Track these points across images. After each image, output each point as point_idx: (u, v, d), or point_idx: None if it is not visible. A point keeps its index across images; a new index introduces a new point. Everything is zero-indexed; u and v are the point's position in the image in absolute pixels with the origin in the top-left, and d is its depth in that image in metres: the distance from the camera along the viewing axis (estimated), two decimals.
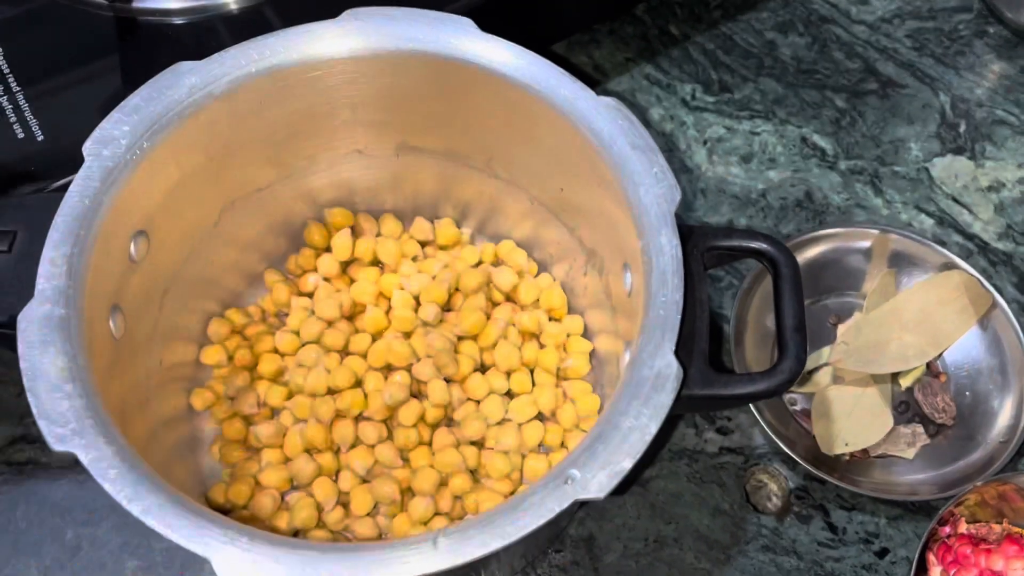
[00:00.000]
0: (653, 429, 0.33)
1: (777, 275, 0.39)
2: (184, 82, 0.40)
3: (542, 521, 0.31)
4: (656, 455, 0.50)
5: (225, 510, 0.44)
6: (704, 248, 0.40)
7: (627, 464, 0.32)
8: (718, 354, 0.53)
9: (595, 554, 0.48)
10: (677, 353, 0.35)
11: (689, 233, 0.39)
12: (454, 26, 0.42)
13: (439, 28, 0.41)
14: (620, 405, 0.34)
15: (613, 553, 0.48)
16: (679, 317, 0.35)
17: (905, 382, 0.52)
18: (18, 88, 0.47)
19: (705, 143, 0.61)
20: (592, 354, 0.49)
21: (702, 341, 0.37)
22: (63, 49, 0.49)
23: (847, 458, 0.50)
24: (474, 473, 0.46)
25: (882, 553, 0.48)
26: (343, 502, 0.45)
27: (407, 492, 0.45)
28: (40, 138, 0.46)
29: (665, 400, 0.34)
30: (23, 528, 0.48)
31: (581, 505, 0.32)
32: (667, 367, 0.34)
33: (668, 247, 0.37)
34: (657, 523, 0.49)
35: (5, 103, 0.47)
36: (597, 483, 0.32)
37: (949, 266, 0.53)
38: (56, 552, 0.47)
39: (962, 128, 0.62)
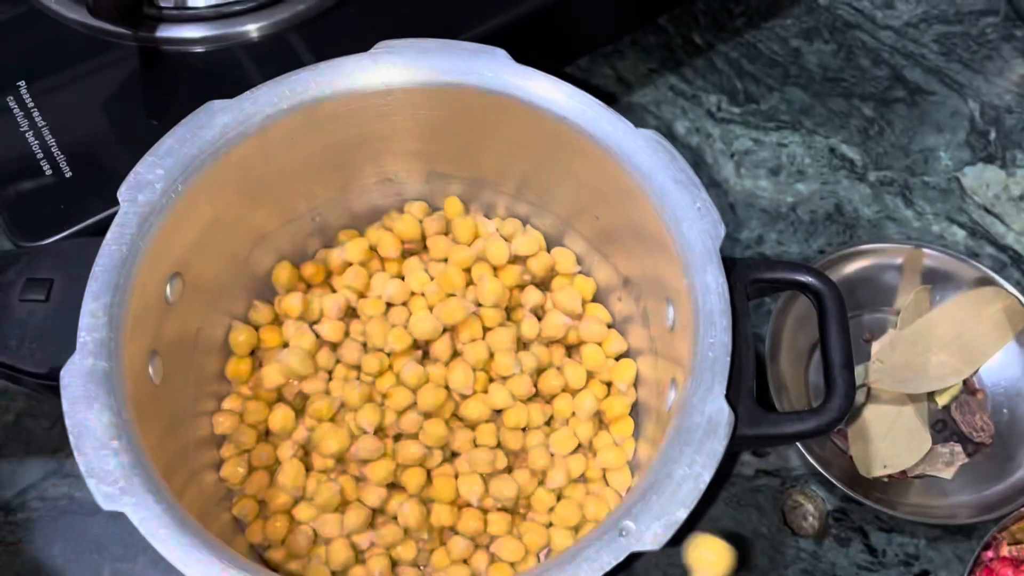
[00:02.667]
0: (707, 477, 0.33)
1: (822, 309, 0.38)
2: (217, 121, 0.40)
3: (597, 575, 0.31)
4: None
5: (262, 548, 0.44)
6: (747, 281, 0.39)
7: (682, 514, 0.32)
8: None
9: None
10: (728, 396, 0.34)
11: (732, 266, 0.39)
12: (489, 58, 0.41)
13: (474, 60, 0.41)
14: (672, 452, 0.33)
15: None
16: (728, 359, 0.35)
17: (942, 400, 0.52)
18: (44, 124, 0.46)
19: (732, 156, 0.60)
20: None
21: (749, 379, 0.37)
22: (88, 81, 0.48)
23: (885, 479, 0.49)
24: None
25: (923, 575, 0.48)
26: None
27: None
28: (68, 175, 0.45)
29: (718, 448, 0.33)
30: (60, 565, 0.47)
31: (636, 557, 0.32)
32: (718, 412, 0.34)
33: (714, 285, 0.36)
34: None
35: (31, 139, 0.46)
36: (652, 534, 0.32)
37: (984, 281, 0.52)
38: None
39: (992, 136, 0.61)
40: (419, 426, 0.44)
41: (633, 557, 0.32)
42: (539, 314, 0.48)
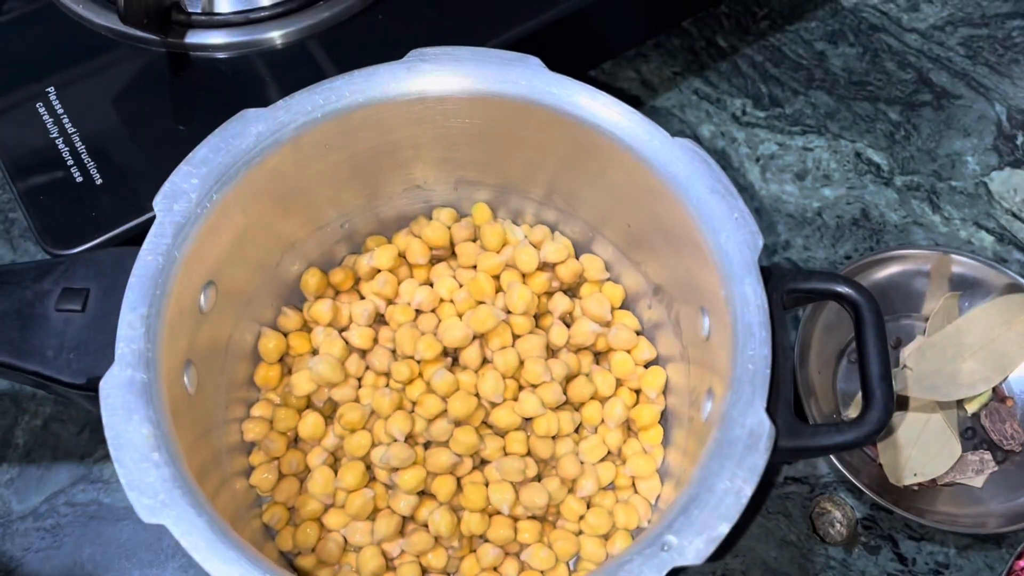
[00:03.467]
0: (748, 491, 0.33)
1: (860, 320, 0.38)
2: (250, 130, 0.39)
3: None
4: None
5: (292, 555, 0.44)
6: (783, 291, 0.39)
7: (724, 529, 0.32)
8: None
9: None
10: (767, 408, 0.34)
11: (768, 276, 0.39)
12: (523, 66, 0.41)
13: (509, 69, 0.41)
14: (713, 466, 0.33)
15: None
16: (768, 372, 0.35)
17: (971, 407, 0.51)
18: (73, 130, 0.46)
19: (758, 160, 0.60)
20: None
21: (787, 390, 0.37)
22: (116, 86, 0.48)
23: (914, 487, 0.49)
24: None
25: None
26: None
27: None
28: (99, 182, 0.45)
29: (759, 461, 0.33)
30: (89, 571, 0.47)
31: (676, 572, 0.32)
32: (759, 425, 0.34)
33: (753, 297, 0.36)
34: (723, 557, 0.48)
35: (61, 145, 0.46)
36: (694, 549, 0.32)
37: (1013, 288, 0.52)
38: None
39: (1019, 140, 0.61)
40: (449, 434, 0.44)
41: (673, 572, 0.32)
42: (568, 321, 0.48)
